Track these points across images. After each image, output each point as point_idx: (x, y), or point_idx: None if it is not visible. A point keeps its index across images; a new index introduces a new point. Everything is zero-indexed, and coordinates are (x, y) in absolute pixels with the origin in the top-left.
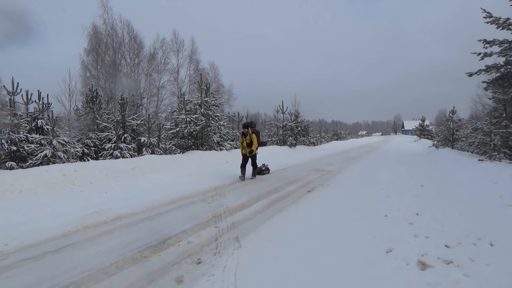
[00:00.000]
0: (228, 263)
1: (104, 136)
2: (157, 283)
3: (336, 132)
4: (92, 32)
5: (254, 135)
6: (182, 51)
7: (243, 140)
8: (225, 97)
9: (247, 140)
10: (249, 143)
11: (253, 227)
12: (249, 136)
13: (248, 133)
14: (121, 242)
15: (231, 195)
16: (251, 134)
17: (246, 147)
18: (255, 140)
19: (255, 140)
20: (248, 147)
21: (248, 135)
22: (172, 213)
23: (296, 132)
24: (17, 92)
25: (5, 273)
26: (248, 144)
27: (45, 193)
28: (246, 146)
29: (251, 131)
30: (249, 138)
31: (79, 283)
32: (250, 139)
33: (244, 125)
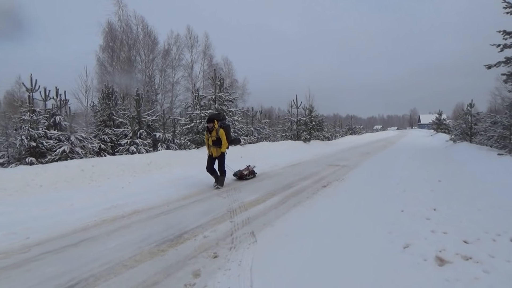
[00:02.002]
0: (243, 257)
1: (120, 132)
2: (174, 276)
3: (350, 126)
4: (107, 29)
5: (222, 131)
6: (196, 47)
7: (209, 137)
8: (239, 92)
9: (213, 137)
10: (215, 141)
11: (268, 222)
12: (215, 132)
13: (214, 128)
14: (139, 236)
15: (246, 190)
16: (217, 129)
17: (212, 146)
18: (224, 137)
19: (224, 136)
20: (214, 146)
21: (214, 131)
22: (187, 207)
23: (310, 127)
24: (35, 89)
25: (27, 266)
26: (215, 142)
27: (64, 188)
28: (212, 144)
29: (217, 125)
30: (215, 135)
31: (98, 276)
32: (217, 136)
33: (208, 118)
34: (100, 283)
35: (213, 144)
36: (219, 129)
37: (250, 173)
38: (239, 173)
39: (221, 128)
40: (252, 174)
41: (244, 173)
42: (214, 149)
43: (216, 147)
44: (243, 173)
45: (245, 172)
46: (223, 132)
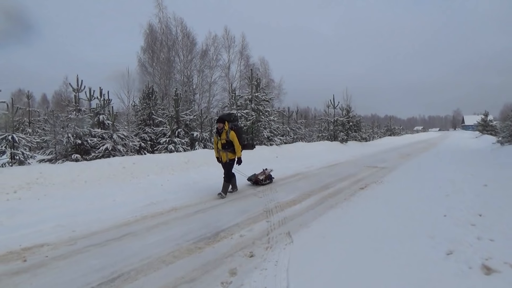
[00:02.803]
0: (280, 258)
1: (159, 131)
2: (212, 274)
3: (389, 127)
4: (148, 31)
5: (233, 133)
6: (233, 47)
7: (218, 141)
8: (275, 92)
9: (223, 139)
10: (225, 144)
11: (304, 223)
12: (225, 134)
13: (224, 130)
14: (177, 233)
15: (282, 190)
16: (228, 131)
17: (222, 150)
18: (236, 140)
19: (236, 139)
20: (224, 150)
21: (224, 133)
22: (224, 206)
23: (347, 128)
24: (81, 89)
25: (74, 257)
26: (224, 145)
27: (107, 184)
28: (222, 148)
29: (228, 127)
30: (225, 137)
31: (139, 270)
32: (226, 139)
33: (218, 118)
34: (141, 277)
35: (222, 147)
36: (230, 131)
37: (266, 178)
38: (254, 178)
39: (232, 131)
40: (268, 179)
41: (260, 178)
42: (223, 154)
43: (226, 151)
44: (258, 178)
45: (260, 177)
46: (234, 135)
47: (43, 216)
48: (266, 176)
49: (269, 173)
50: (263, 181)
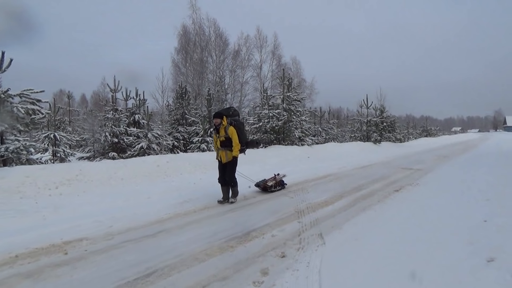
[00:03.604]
0: (312, 259)
1: (192, 130)
2: (243, 273)
3: (425, 128)
4: (182, 32)
5: (232, 129)
6: (265, 47)
7: (217, 138)
8: (307, 91)
9: (221, 137)
10: (224, 142)
11: (336, 225)
12: (223, 130)
13: (222, 126)
14: (209, 231)
15: (314, 190)
16: (226, 126)
17: (221, 149)
18: (235, 136)
19: (235, 135)
20: (223, 148)
21: (222, 129)
22: (255, 206)
23: (381, 128)
24: (118, 89)
25: (110, 252)
26: (223, 143)
27: (142, 182)
28: (220, 147)
29: (226, 122)
30: (223, 134)
31: (173, 267)
32: (225, 135)
33: (215, 113)
34: (174, 274)
35: (221, 146)
36: (229, 127)
37: (277, 184)
38: (262, 184)
39: (231, 126)
40: (280, 185)
41: (269, 185)
42: (223, 153)
43: (225, 149)
44: (267, 184)
45: (269, 183)
46: (233, 131)
47: (82, 211)
48: (277, 182)
49: (281, 178)
50: (272, 187)
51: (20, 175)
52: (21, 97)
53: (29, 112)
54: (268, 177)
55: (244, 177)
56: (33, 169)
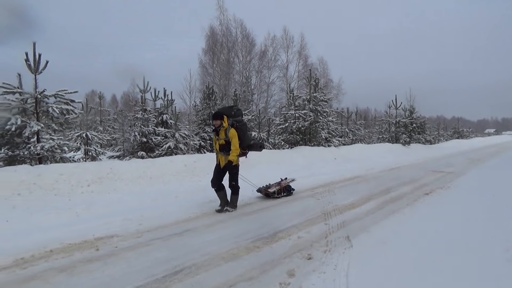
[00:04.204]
0: (339, 262)
1: None
2: (270, 274)
3: (457, 129)
4: (209, 33)
5: (233, 131)
6: (292, 47)
7: (217, 141)
8: (334, 92)
9: (221, 139)
10: (224, 145)
11: (364, 227)
12: (223, 133)
13: (222, 128)
14: (235, 231)
15: (340, 192)
16: (227, 128)
17: (220, 152)
18: (235, 139)
19: (235, 139)
20: (222, 152)
21: (222, 131)
22: (281, 207)
23: (410, 129)
24: (147, 90)
25: (140, 249)
26: (223, 146)
27: (170, 181)
28: (219, 150)
29: (228, 124)
30: (223, 136)
31: (200, 265)
32: (225, 138)
33: (215, 114)
34: (201, 272)
35: (220, 149)
36: (229, 129)
37: (282, 189)
38: (263, 190)
39: (233, 128)
40: (285, 191)
41: (270, 191)
42: (222, 157)
43: (225, 154)
44: (268, 190)
45: (272, 189)
46: (234, 133)
47: (113, 209)
48: (282, 187)
49: (288, 183)
50: (275, 193)
51: (55, 173)
52: (56, 97)
53: (63, 112)
54: (274, 181)
55: (246, 181)
56: (66, 167)
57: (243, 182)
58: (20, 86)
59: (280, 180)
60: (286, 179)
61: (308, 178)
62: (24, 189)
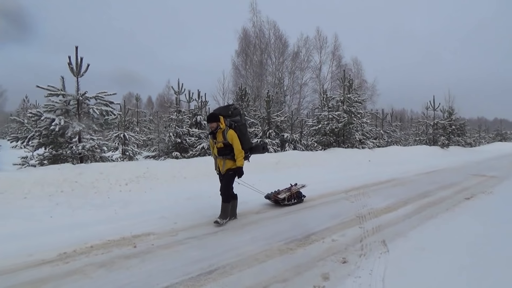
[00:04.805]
0: (375, 267)
1: (251, 132)
2: (303, 276)
3: (500, 132)
4: (242, 35)
5: (232, 133)
6: (325, 48)
7: (214, 145)
8: (368, 93)
9: (219, 143)
10: (222, 149)
11: (401, 232)
12: (221, 135)
13: (219, 130)
14: (268, 232)
15: (375, 195)
16: (225, 130)
17: (219, 157)
18: (237, 142)
19: (236, 141)
20: (222, 157)
21: (220, 133)
22: (314, 209)
23: (449, 131)
24: (181, 92)
25: (175, 247)
26: (222, 150)
27: (203, 181)
28: (218, 154)
29: (225, 125)
30: (221, 139)
31: (234, 265)
32: (224, 141)
33: (209, 115)
34: (235, 272)
35: (219, 154)
36: (227, 131)
37: (292, 196)
38: (272, 196)
39: (231, 129)
40: (295, 198)
41: (280, 197)
42: (221, 162)
43: (225, 158)
44: (277, 197)
45: (282, 195)
46: (233, 135)
47: (149, 207)
48: (292, 194)
49: (298, 189)
50: (285, 200)
51: (95, 172)
52: (96, 99)
53: (103, 113)
54: (283, 187)
55: (249, 188)
56: (106, 166)
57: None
58: (64, 89)
59: (290, 186)
60: (296, 184)
61: (341, 180)
62: (66, 186)
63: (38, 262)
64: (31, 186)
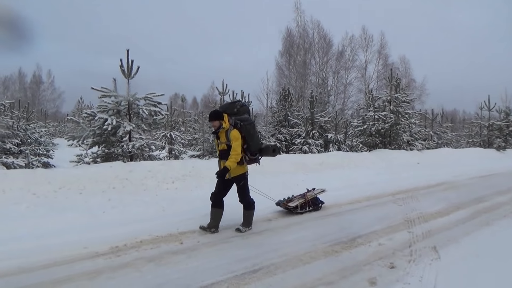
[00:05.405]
0: (425, 273)
1: (294, 132)
2: (349, 280)
3: None
4: (286, 35)
5: (236, 133)
6: (371, 47)
7: (218, 145)
8: (417, 92)
9: (222, 143)
10: (225, 151)
11: (453, 238)
12: (224, 135)
13: (222, 129)
14: (312, 233)
15: (425, 199)
16: (228, 129)
17: (222, 160)
18: (237, 143)
19: (237, 142)
20: (224, 161)
21: (223, 133)
22: (360, 211)
23: (506, 133)
24: (226, 92)
25: (220, 245)
26: (224, 153)
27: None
28: (220, 157)
29: (229, 123)
30: (224, 140)
31: (278, 266)
32: (227, 142)
33: (211, 113)
34: (279, 273)
35: (221, 156)
36: (231, 130)
37: (306, 203)
38: (282, 204)
39: (235, 129)
40: (311, 205)
41: (291, 205)
42: (223, 165)
43: (224, 160)
44: (288, 205)
45: (293, 203)
46: (236, 135)
47: (195, 205)
48: (307, 201)
49: (315, 196)
50: (297, 208)
51: (144, 170)
52: (146, 100)
53: (152, 113)
54: (298, 193)
55: (259, 193)
56: (154, 164)
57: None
58: (115, 90)
59: (305, 192)
60: (313, 189)
61: (388, 183)
62: (118, 183)
63: (93, 254)
64: (86, 182)
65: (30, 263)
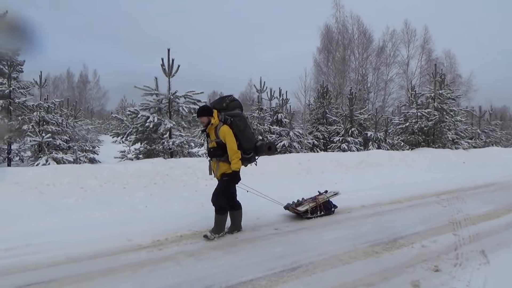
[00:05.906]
0: (472, 278)
1: (333, 130)
2: (391, 282)
3: None
4: (325, 31)
5: (226, 129)
6: (413, 41)
7: (208, 143)
8: (463, 88)
9: (212, 141)
10: (215, 149)
11: (503, 242)
12: (213, 133)
13: (211, 126)
14: (351, 233)
15: (472, 200)
16: (218, 126)
17: (212, 159)
18: (230, 140)
19: (230, 139)
20: (215, 159)
21: (213, 130)
22: (401, 211)
23: None
24: (263, 90)
25: (257, 242)
26: (215, 150)
27: (283, 178)
28: (209, 156)
29: (218, 120)
30: (214, 138)
31: (317, 265)
32: (217, 139)
33: (199, 109)
34: (318, 272)
35: (209, 154)
36: (220, 126)
37: (317, 208)
38: (291, 207)
39: (225, 125)
40: (323, 209)
41: (300, 210)
42: (214, 164)
43: (218, 160)
44: (296, 209)
45: (302, 207)
46: (226, 131)
47: None
48: (319, 204)
49: (327, 199)
50: (308, 213)
51: (184, 166)
52: (185, 98)
53: (191, 111)
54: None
55: (264, 197)
56: (193, 161)
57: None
58: (157, 88)
59: (317, 195)
60: (326, 192)
61: (432, 183)
62: (159, 179)
63: (136, 247)
64: (129, 177)
65: (78, 254)
